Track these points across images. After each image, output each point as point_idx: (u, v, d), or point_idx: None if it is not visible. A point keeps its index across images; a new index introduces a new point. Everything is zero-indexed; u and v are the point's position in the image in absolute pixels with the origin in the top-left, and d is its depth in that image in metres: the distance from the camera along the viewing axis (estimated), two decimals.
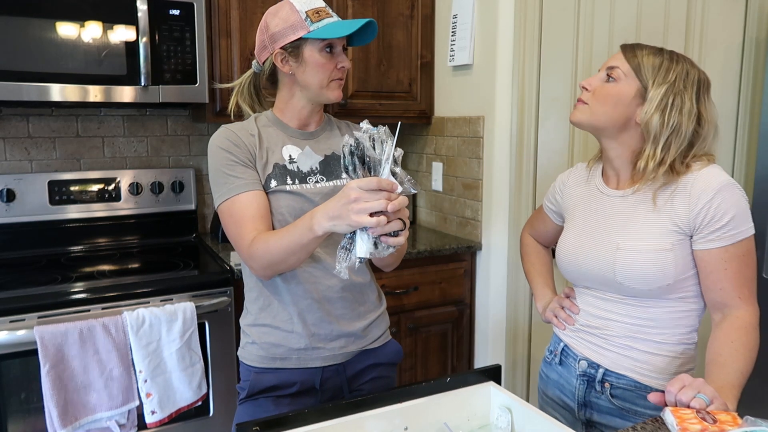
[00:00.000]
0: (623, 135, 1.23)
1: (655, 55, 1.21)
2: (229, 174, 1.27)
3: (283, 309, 1.33)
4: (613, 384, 1.24)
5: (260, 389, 1.35)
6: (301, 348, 1.33)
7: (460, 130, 2.45)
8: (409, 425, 1.13)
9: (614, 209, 1.25)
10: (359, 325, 1.38)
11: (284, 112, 1.38)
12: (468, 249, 2.38)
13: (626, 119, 1.21)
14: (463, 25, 2.36)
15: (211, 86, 2.09)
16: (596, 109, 1.22)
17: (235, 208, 1.26)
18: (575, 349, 1.32)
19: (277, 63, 1.31)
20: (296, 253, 1.18)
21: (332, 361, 1.36)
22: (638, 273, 1.17)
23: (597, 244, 1.25)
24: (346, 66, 1.34)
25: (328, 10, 1.31)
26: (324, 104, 1.41)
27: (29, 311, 1.69)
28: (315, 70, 1.30)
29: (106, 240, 2.34)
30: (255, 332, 1.37)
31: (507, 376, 2.34)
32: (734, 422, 0.98)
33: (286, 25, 1.28)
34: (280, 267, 1.24)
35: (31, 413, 1.74)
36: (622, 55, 1.23)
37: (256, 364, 1.36)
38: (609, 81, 1.22)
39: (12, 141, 2.24)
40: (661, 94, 1.17)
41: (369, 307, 1.41)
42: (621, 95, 1.20)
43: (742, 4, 2.05)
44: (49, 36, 1.87)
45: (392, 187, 1.01)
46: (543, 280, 1.51)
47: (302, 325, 1.33)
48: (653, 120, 1.17)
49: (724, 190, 1.13)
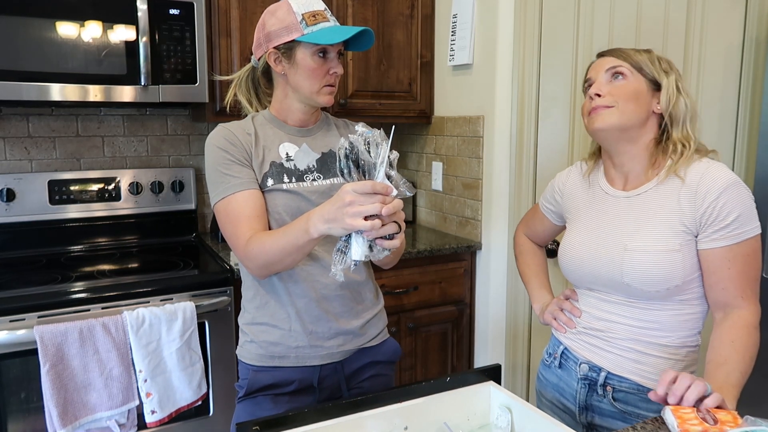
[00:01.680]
0: (642, 131, 1.22)
1: (639, 52, 1.24)
2: (226, 173, 1.27)
3: (281, 307, 1.33)
4: (616, 387, 1.24)
5: (258, 387, 1.35)
6: (299, 346, 1.33)
7: (459, 130, 2.45)
8: (409, 425, 1.13)
9: (621, 210, 1.25)
10: (357, 323, 1.38)
11: (280, 111, 1.38)
12: (468, 248, 2.38)
13: (647, 113, 1.22)
14: (463, 24, 2.36)
15: (211, 77, 2.09)
16: (625, 109, 1.20)
17: (231, 208, 1.27)
18: (576, 352, 1.31)
19: (270, 62, 1.32)
20: (292, 254, 1.19)
21: (330, 359, 1.36)
22: (646, 274, 1.17)
23: (604, 245, 1.24)
24: (338, 72, 1.33)
25: (326, 14, 1.30)
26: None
27: (29, 311, 1.69)
28: (306, 73, 1.30)
29: (106, 239, 2.34)
30: (253, 330, 1.37)
31: (507, 376, 2.34)
32: (734, 422, 0.98)
33: (281, 26, 1.27)
34: (275, 267, 1.25)
35: (31, 413, 1.74)
36: (610, 57, 1.24)
37: (255, 362, 1.36)
38: (618, 80, 1.22)
39: (12, 140, 2.24)
40: (674, 81, 1.21)
41: (367, 305, 1.42)
42: (639, 90, 1.21)
43: (742, 4, 2.04)
44: (49, 36, 1.87)
45: (387, 190, 1.02)
46: (539, 281, 1.50)
47: (300, 323, 1.33)
48: (680, 104, 1.20)
49: (730, 189, 1.13)
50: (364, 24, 2.33)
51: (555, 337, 1.39)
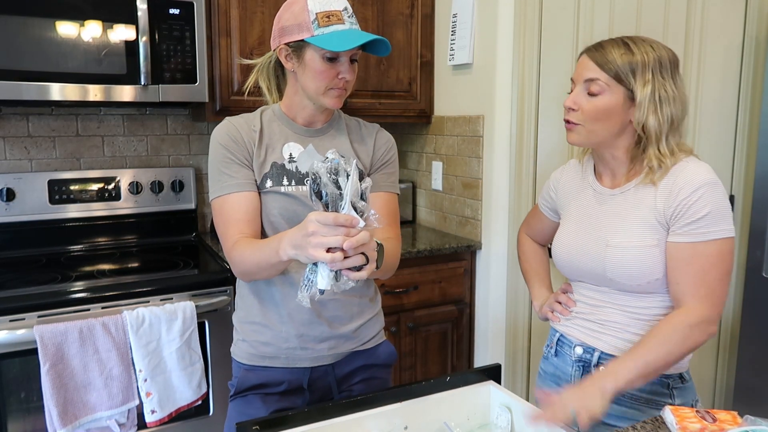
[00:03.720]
0: (619, 139, 1.23)
1: (624, 53, 1.17)
2: (224, 172, 1.27)
3: (274, 308, 1.33)
4: None
5: (249, 386, 1.34)
6: (289, 347, 1.33)
7: (459, 130, 2.45)
8: (409, 424, 1.13)
9: (605, 207, 1.26)
10: (351, 327, 1.36)
11: (290, 107, 1.34)
12: (468, 248, 2.38)
13: (622, 125, 1.21)
14: (463, 24, 2.36)
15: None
16: (592, 128, 1.20)
17: (225, 208, 1.26)
18: (570, 335, 1.33)
19: (281, 58, 1.28)
20: (267, 270, 1.19)
21: (321, 361, 1.35)
22: (627, 269, 1.19)
23: (589, 241, 1.26)
24: (347, 78, 1.26)
25: (343, 15, 1.22)
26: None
27: (29, 310, 1.69)
28: (313, 75, 1.24)
29: (106, 239, 2.34)
30: (245, 329, 1.36)
31: (507, 376, 2.34)
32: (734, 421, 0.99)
33: (293, 22, 1.22)
34: (254, 276, 1.26)
35: (31, 412, 1.74)
36: (592, 63, 1.20)
37: (246, 361, 1.35)
38: (593, 95, 1.19)
39: (12, 140, 2.24)
40: (649, 94, 1.16)
41: (363, 308, 1.40)
42: (611, 107, 1.18)
43: (742, 4, 2.05)
44: (49, 35, 1.87)
45: (351, 222, 0.98)
46: (540, 280, 1.51)
47: (291, 326, 1.32)
48: (650, 122, 1.16)
49: (705, 187, 1.13)
50: (364, 24, 2.33)
51: (552, 327, 1.41)
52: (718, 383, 2.25)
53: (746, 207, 2.10)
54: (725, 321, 2.21)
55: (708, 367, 2.25)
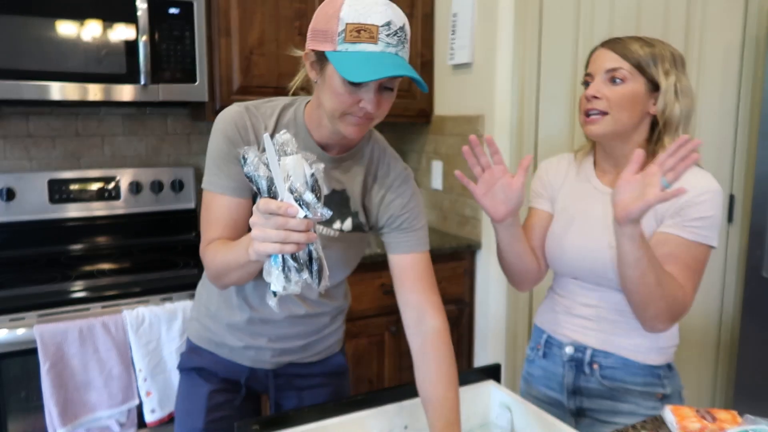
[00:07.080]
0: (635, 132, 1.23)
1: (643, 45, 1.20)
2: (222, 168, 1.19)
3: (231, 307, 1.27)
4: (602, 364, 1.25)
5: (191, 366, 1.32)
6: (234, 345, 1.28)
7: (459, 129, 2.45)
8: (408, 424, 1.13)
9: (608, 207, 1.25)
10: (299, 344, 1.30)
11: (311, 116, 1.15)
12: (468, 248, 2.38)
13: (641, 116, 1.21)
14: (462, 23, 2.36)
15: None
16: (619, 116, 1.20)
17: (212, 206, 1.21)
18: (560, 334, 1.32)
19: (306, 63, 1.09)
20: (236, 271, 1.07)
21: (262, 365, 1.30)
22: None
23: (589, 241, 1.25)
24: (368, 109, 1.03)
25: (377, 33, 0.98)
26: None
27: (29, 310, 1.69)
28: (331, 94, 1.03)
29: (106, 239, 2.34)
30: (201, 311, 1.33)
31: (507, 375, 2.34)
32: (734, 421, 0.99)
33: (322, 27, 1.01)
34: (224, 280, 1.15)
35: (31, 412, 1.74)
36: (612, 53, 1.21)
37: (194, 340, 1.33)
38: (616, 83, 1.20)
39: (12, 140, 2.24)
40: (673, 83, 1.18)
41: (318, 327, 1.31)
42: (636, 95, 1.19)
43: (742, 4, 2.04)
44: (49, 35, 1.87)
45: (286, 211, 0.84)
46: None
47: (240, 331, 1.27)
48: (675, 110, 1.18)
49: (713, 193, 1.16)
50: None
51: (537, 327, 1.40)
52: (719, 383, 2.25)
53: (746, 207, 2.10)
54: (725, 321, 2.21)
55: (708, 367, 2.24)
